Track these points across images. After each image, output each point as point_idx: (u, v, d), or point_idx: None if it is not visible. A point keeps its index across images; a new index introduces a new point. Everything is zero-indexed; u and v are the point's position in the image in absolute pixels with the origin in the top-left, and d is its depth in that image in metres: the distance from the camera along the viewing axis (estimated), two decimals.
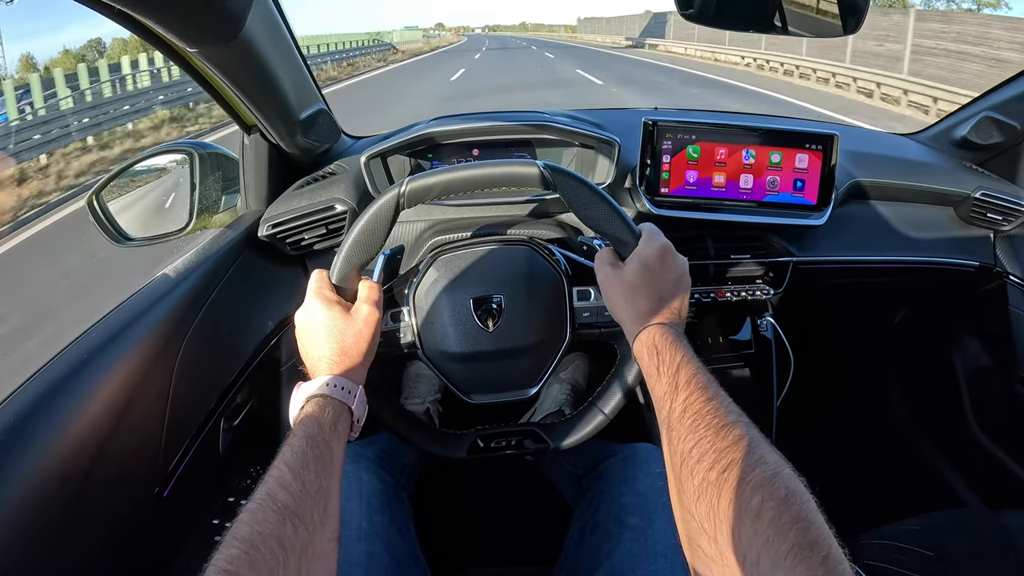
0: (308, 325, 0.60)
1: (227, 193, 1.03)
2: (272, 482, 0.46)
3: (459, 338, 0.71)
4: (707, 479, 0.42)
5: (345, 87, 14.20)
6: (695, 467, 0.44)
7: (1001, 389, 1.24)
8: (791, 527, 0.37)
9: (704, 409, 0.47)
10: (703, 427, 0.46)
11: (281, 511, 0.44)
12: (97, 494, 0.63)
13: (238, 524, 0.42)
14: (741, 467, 0.41)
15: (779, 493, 0.39)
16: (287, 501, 0.44)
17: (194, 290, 0.83)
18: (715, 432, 0.45)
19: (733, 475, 0.41)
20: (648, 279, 0.60)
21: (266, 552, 0.41)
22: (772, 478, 0.40)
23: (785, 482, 0.40)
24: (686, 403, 0.49)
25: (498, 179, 0.66)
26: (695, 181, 0.97)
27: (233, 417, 0.91)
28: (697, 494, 0.43)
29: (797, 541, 0.36)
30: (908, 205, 1.14)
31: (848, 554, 0.36)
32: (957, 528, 0.94)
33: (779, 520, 0.38)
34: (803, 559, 0.35)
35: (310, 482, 0.47)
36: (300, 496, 0.45)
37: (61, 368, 0.65)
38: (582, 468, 0.87)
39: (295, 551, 0.42)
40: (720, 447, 0.44)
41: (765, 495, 0.39)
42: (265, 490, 0.45)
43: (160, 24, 0.62)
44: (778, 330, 1.12)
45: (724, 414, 0.46)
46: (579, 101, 9.73)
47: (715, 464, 0.43)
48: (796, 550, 0.36)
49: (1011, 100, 1.12)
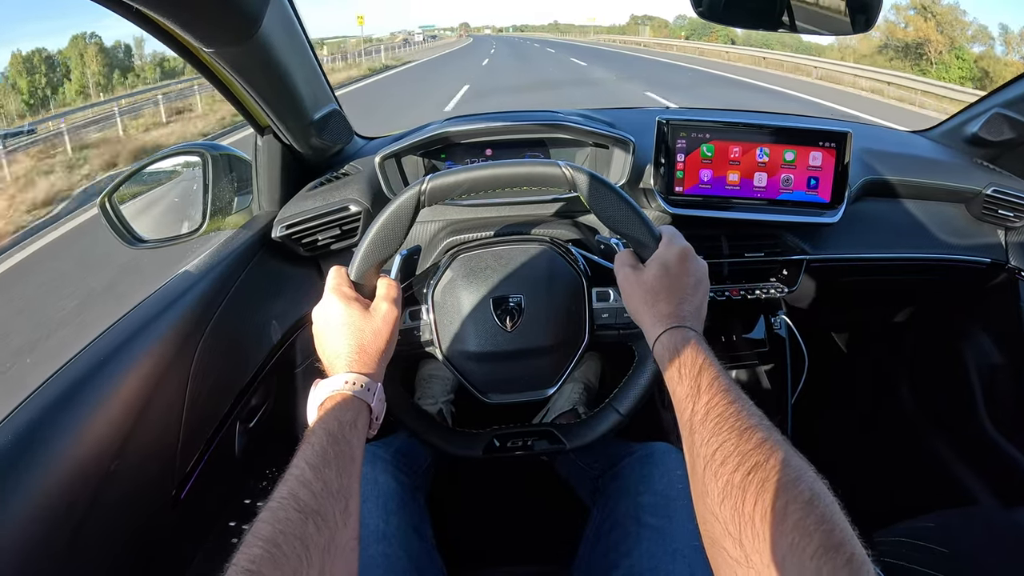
0: (327, 322, 0.60)
1: (240, 194, 1.03)
2: (293, 481, 0.45)
3: (478, 337, 0.71)
4: (731, 481, 0.43)
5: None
6: (719, 469, 0.44)
7: (1013, 385, 1.24)
8: (816, 529, 0.37)
9: (727, 412, 0.47)
10: (726, 430, 0.46)
11: (303, 510, 0.43)
12: (114, 496, 0.63)
13: (259, 523, 0.42)
14: (765, 469, 0.42)
15: (804, 495, 0.39)
16: (309, 500, 0.44)
17: (209, 292, 0.82)
18: (738, 435, 0.45)
19: (757, 477, 0.41)
20: (668, 282, 0.60)
21: (289, 551, 0.40)
22: (796, 480, 0.41)
23: (809, 484, 0.40)
24: (708, 406, 0.49)
25: (519, 179, 0.66)
26: (709, 180, 0.97)
27: (249, 419, 0.91)
28: (721, 496, 0.43)
29: (822, 543, 0.37)
30: (920, 202, 1.14)
31: (871, 554, 0.37)
32: (972, 525, 0.94)
33: (804, 522, 0.38)
34: (828, 560, 0.36)
35: (331, 480, 0.47)
36: (322, 495, 0.45)
37: (78, 370, 0.64)
38: (598, 468, 0.87)
39: (318, 550, 0.42)
40: (744, 450, 0.44)
41: (790, 497, 0.39)
42: (286, 489, 0.45)
43: (177, 24, 0.62)
44: (792, 328, 1.12)
45: (747, 417, 0.46)
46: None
47: (739, 467, 0.43)
48: (821, 551, 0.36)
49: (1022, 97, 1.12)
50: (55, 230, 5.20)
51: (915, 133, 1.33)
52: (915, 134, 1.33)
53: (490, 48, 34.02)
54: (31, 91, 9.74)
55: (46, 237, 5.01)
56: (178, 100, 12.54)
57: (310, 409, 0.56)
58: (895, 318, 1.47)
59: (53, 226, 5.31)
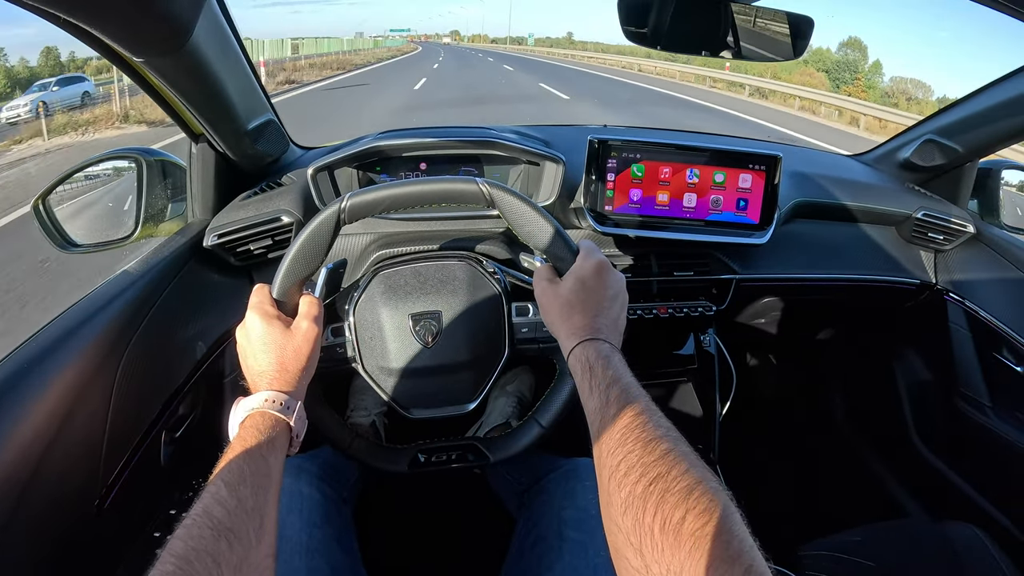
0: (248, 340, 0.60)
1: (174, 201, 1.02)
2: (208, 498, 0.46)
3: (398, 353, 0.72)
4: (633, 492, 0.43)
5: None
6: (622, 480, 0.44)
7: (942, 403, 1.28)
8: (713, 540, 0.38)
9: (633, 423, 0.48)
10: (631, 441, 0.46)
11: (216, 527, 0.43)
12: (35, 505, 0.62)
13: (173, 540, 0.42)
14: (667, 480, 0.42)
15: (702, 506, 0.40)
16: (222, 517, 0.44)
17: (138, 299, 0.82)
18: (643, 446, 0.46)
19: (659, 488, 0.42)
20: (584, 295, 0.61)
21: (200, 569, 0.40)
22: (696, 491, 0.41)
23: (709, 495, 0.41)
24: (616, 417, 0.49)
25: (438, 196, 0.67)
26: (639, 199, 0.99)
27: (175, 428, 0.90)
28: (624, 507, 0.43)
29: (719, 554, 0.37)
30: (852, 224, 1.18)
31: (773, 567, 0.37)
32: (899, 538, 0.97)
33: (701, 532, 0.38)
34: (725, 571, 0.36)
35: (246, 498, 0.47)
36: (236, 512, 0.45)
37: (0, 376, 0.64)
38: (525, 482, 0.88)
39: (230, 567, 0.42)
40: (647, 461, 0.44)
41: (688, 507, 0.40)
42: (201, 506, 0.45)
43: (105, 34, 0.62)
44: (720, 345, 1.14)
45: (652, 428, 0.47)
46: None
47: (641, 478, 0.43)
48: (718, 563, 0.36)
49: (952, 124, 1.16)
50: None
51: (849, 157, 1.37)
52: (849, 158, 1.37)
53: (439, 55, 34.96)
54: None
55: None
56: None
57: (231, 426, 0.56)
58: (827, 336, 1.50)
59: None
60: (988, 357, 1.16)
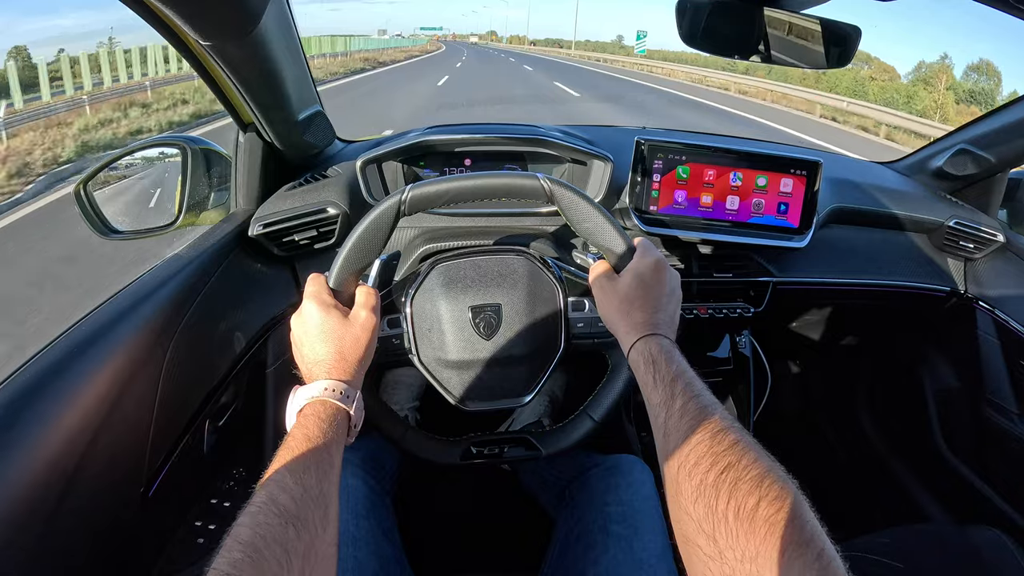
0: (305, 329, 0.60)
1: (216, 190, 1.02)
2: (273, 485, 0.46)
3: (456, 345, 0.72)
4: (705, 481, 0.44)
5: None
6: (692, 470, 0.45)
7: (969, 409, 1.29)
8: (787, 526, 0.39)
9: (700, 415, 0.49)
10: (699, 432, 0.48)
11: (283, 514, 0.43)
12: (83, 491, 0.62)
13: (239, 527, 0.42)
14: (738, 469, 0.43)
15: (774, 493, 0.41)
16: (288, 504, 0.44)
17: (185, 287, 0.81)
18: (711, 436, 0.47)
19: (730, 477, 0.43)
20: (643, 291, 0.62)
21: (269, 556, 0.40)
22: (767, 479, 0.42)
23: (780, 483, 0.42)
24: (682, 410, 0.50)
25: (499, 190, 0.67)
26: (683, 200, 1.00)
27: (218, 418, 0.90)
28: (695, 496, 0.44)
29: (793, 539, 0.38)
30: (885, 231, 1.19)
31: (840, 551, 0.38)
32: (924, 541, 0.98)
33: (775, 519, 0.39)
34: (799, 556, 0.37)
35: (311, 486, 0.47)
36: (302, 500, 0.45)
37: (49, 362, 0.63)
38: (565, 477, 0.88)
39: (298, 555, 0.42)
40: (717, 451, 0.45)
41: (761, 495, 0.41)
42: (266, 493, 0.45)
43: (179, 15, 0.62)
44: (756, 347, 1.15)
45: (719, 420, 0.48)
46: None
47: (712, 467, 0.44)
48: (792, 547, 0.37)
49: (986, 135, 1.17)
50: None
51: (882, 165, 1.38)
52: (882, 165, 1.38)
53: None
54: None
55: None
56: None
57: (289, 414, 0.56)
58: (856, 341, 1.51)
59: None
60: (1016, 365, 1.17)
